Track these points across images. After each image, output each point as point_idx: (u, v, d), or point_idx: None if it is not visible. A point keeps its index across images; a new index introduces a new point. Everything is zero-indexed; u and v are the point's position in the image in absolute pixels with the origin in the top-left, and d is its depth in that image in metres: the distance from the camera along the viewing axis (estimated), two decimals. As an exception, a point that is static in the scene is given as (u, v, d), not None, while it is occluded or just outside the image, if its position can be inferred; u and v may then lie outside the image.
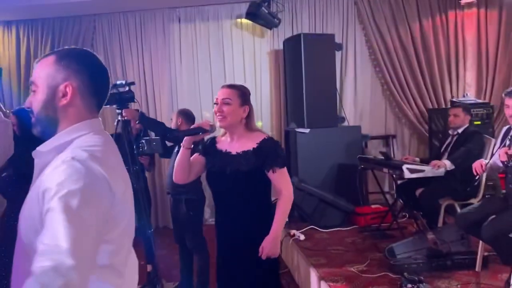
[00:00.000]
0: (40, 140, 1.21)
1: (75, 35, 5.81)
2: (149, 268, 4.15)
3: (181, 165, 2.26)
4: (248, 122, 2.26)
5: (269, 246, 2.16)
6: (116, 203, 1.11)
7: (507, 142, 2.93)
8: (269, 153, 2.19)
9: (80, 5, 5.36)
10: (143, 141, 3.58)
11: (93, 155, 1.09)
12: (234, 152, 2.22)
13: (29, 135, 1.30)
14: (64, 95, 1.16)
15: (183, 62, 5.90)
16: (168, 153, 3.87)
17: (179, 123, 3.76)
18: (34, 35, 5.87)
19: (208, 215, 5.59)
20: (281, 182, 2.23)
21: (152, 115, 5.65)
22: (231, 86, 2.27)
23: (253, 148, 2.20)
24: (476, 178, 3.22)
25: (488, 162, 3.13)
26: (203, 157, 2.35)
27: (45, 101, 1.17)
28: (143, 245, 3.95)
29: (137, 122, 3.66)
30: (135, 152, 3.51)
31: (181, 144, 2.25)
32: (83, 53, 1.24)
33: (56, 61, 1.18)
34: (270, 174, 2.20)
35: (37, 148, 1.19)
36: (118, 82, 3.36)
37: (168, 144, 3.86)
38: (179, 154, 2.27)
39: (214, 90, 5.91)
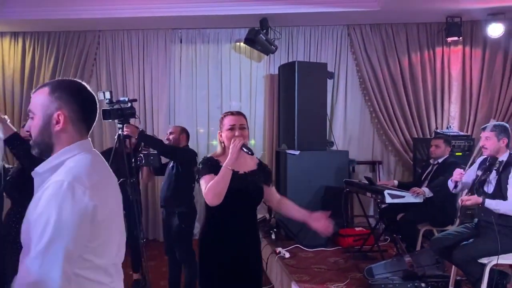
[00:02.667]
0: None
1: (79, 49, 6.03)
2: (135, 276, 4.33)
3: (226, 185, 2.32)
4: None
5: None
6: (99, 215, 1.28)
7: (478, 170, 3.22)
8: (267, 171, 2.60)
9: (85, 21, 5.60)
10: (141, 155, 3.78)
11: (77, 176, 1.27)
12: (241, 172, 2.44)
13: None
14: (58, 122, 1.35)
15: (182, 80, 6.15)
16: (162, 170, 4.06)
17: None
18: (39, 47, 6.08)
19: (197, 230, 5.73)
20: (276, 192, 2.64)
21: (149, 130, 5.86)
22: (241, 113, 2.52)
23: (257, 168, 2.51)
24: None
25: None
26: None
27: (41, 127, 1.36)
28: (131, 255, 4.14)
29: (136, 138, 3.84)
30: (133, 165, 3.73)
31: (227, 166, 2.33)
32: (73, 85, 1.41)
33: (50, 92, 1.36)
34: (268, 188, 2.55)
35: (35, 169, 1.39)
36: (121, 99, 3.59)
37: (163, 161, 4.06)
38: (225, 176, 2.31)
39: (211, 109, 6.15)
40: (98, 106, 1.47)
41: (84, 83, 1.45)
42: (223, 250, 2.43)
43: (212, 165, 2.42)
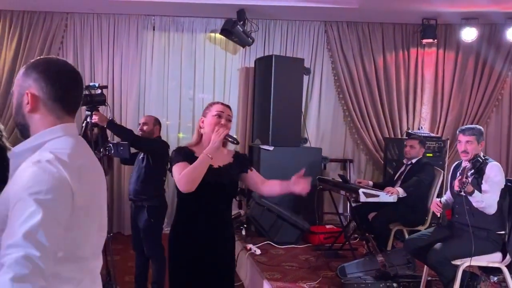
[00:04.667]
0: None
1: (45, 31, 5.69)
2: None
3: (202, 173, 2.22)
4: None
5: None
6: (78, 203, 1.18)
7: (458, 174, 3.16)
8: (244, 160, 2.51)
9: (52, 1, 5.30)
10: (110, 144, 3.59)
11: (58, 157, 1.18)
12: (216, 166, 2.32)
13: None
14: (28, 102, 1.27)
15: (154, 69, 5.92)
16: (131, 160, 3.87)
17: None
18: (0, 26, 5.71)
19: (165, 224, 5.56)
20: (259, 174, 2.54)
21: (117, 119, 5.61)
22: (229, 106, 2.45)
23: (233, 161, 2.42)
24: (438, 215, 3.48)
25: (439, 199, 3.41)
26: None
27: (16, 108, 1.32)
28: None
29: (105, 127, 3.63)
30: (101, 155, 3.52)
31: (207, 153, 2.24)
32: (46, 62, 1.32)
33: (24, 71, 1.30)
34: (249, 173, 2.46)
35: (13, 149, 1.30)
36: (91, 84, 3.38)
37: (132, 151, 3.87)
38: (203, 162, 2.22)
39: (182, 99, 5.97)
40: (79, 85, 1.36)
41: (64, 59, 1.36)
42: (194, 245, 2.35)
43: (186, 154, 2.33)
